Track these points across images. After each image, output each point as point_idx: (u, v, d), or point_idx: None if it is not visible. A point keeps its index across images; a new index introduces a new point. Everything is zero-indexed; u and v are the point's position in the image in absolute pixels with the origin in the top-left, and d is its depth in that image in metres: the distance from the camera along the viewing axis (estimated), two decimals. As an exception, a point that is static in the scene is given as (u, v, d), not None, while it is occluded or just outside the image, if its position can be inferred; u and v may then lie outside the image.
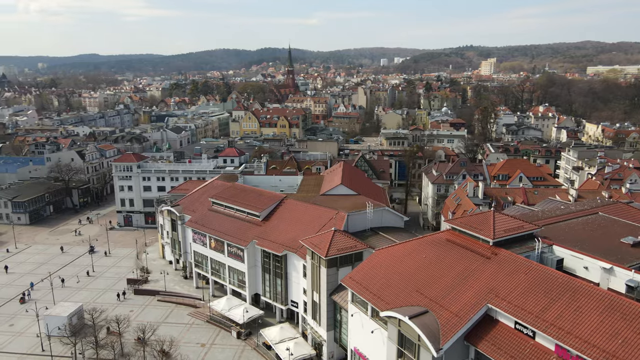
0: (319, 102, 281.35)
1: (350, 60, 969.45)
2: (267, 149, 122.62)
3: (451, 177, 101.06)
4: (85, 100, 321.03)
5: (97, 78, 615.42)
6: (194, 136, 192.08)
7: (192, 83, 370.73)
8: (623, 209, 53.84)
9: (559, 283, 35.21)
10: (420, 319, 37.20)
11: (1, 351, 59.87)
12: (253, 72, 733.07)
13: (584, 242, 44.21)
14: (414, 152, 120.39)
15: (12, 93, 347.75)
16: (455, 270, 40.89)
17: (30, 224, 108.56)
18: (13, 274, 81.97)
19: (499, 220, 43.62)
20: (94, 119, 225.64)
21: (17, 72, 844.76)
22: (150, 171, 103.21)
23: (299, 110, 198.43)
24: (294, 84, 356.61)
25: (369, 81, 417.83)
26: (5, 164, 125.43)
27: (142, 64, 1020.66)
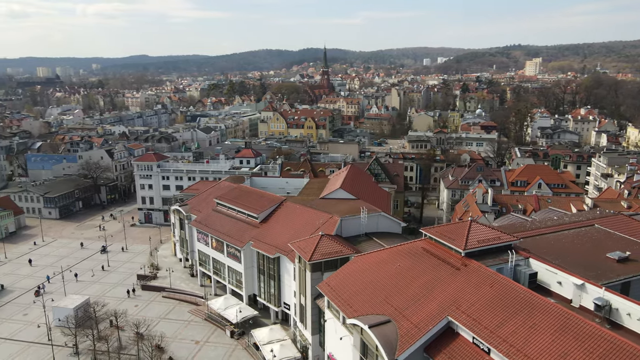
0: (352, 103, 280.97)
1: (392, 60, 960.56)
2: (285, 151, 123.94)
3: (466, 182, 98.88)
4: (128, 100, 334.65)
5: (144, 78, 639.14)
6: (224, 136, 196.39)
7: (229, 83, 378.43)
8: (624, 221, 51.18)
9: (520, 298, 34.12)
10: (381, 328, 37.00)
11: (12, 339, 63.92)
12: (293, 72, 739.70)
13: (567, 255, 42.54)
14: (432, 155, 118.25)
15: (62, 93, 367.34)
16: (424, 280, 40.32)
17: (60, 218, 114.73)
18: (36, 266, 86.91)
19: (475, 230, 42.55)
20: (132, 119, 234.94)
21: (73, 73, 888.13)
22: (169, 171, 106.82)
23: (326, 111, 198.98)
24: (329, 84, 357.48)
25: (405, 82, 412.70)
26: (42, 160, 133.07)
27: (187, 64, 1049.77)
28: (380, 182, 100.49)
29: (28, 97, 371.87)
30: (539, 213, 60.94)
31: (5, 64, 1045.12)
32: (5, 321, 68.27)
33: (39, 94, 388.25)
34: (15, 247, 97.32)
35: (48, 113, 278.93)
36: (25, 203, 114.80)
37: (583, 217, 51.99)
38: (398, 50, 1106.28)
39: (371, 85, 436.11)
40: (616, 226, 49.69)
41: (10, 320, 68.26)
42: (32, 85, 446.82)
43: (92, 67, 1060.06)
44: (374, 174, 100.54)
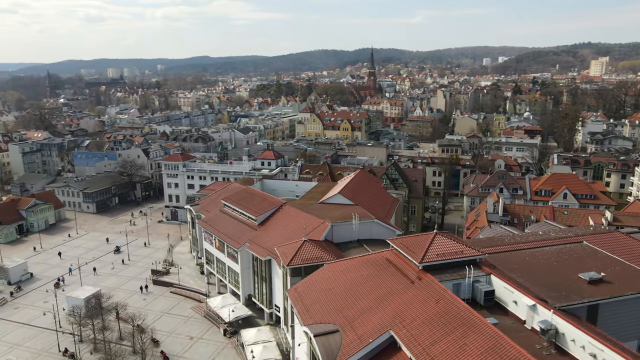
0: (395, 105, 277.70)
1: (450, 60, 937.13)
2: (310, 153, 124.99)
3: (487, 190, 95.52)
4: (180, 100, 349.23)
5: (200, 79, 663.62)
6: (262, 137, 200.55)
7: (275, 84, 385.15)
8: (618, 239, 47.87)
9: (459, 317, 33.11)
10: (326, 338, 37.21)
11: (29, 324, 69.37)
12: (346, 72, 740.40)
13: (536, 273, 40.61)
14: (455, 160, 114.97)
15: (122, 93, 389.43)
16: (380, 291, 39.96)
17: (97, 212, 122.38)
18: (64, 258, 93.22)
19: (439, 243, 41.50)
20: (179, 118, 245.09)
21: (138, 74, 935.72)
22: (194, 170, 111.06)
23: (363, 113, 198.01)
24: (375, 85, 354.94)
25: (456, 83, 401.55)
26: (86, 158, 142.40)
27: (244, 65, 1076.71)
28: (398, 188, 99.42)
29: (93, 97, 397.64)
30: (534, 226, 57.98)
31: (80, 65, 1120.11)
32: (26, 307, 74.13)
33: (103, 94, 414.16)
34: (52, 238, 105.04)
35: (107, 112, 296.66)
36: (67, 197, 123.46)
37: (572, 233, 49.10)
38: (457, 49, 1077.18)
39: (421, 86, 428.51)
40: (608, 244, 46.63)
41: (31, 307, 73.99)
42: (98, 86, 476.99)
43: (157, 68, 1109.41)
44: (391, 179, 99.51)
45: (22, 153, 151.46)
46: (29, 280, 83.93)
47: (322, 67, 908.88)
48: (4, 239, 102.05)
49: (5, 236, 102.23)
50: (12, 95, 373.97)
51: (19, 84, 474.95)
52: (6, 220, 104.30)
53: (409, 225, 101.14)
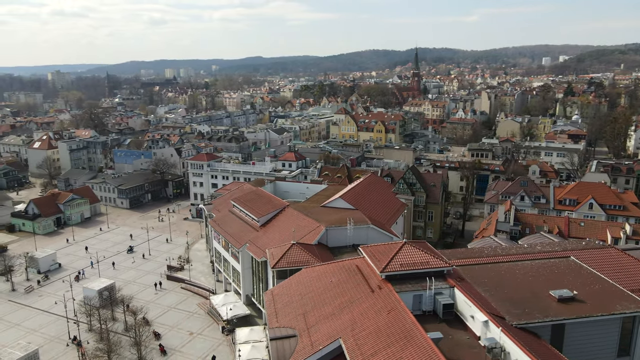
0: (437, 106, 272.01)
1: (505, 60, 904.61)
2: (334, 155, 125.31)
3: (507, 197, 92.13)
4: (226, 100, 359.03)
5: (250, 79, 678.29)
6: (297, 137, 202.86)
7: (318, 85, 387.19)
8: (611, 255, 45.09)
9: (404, 329, 32.67)
10: (281, 342, 37.76)
11: (48, 311, 74.39)
12: (395, 72, 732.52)
13: (506, 287, 39.17)
14: (476, 165, 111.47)
15: (173, 93, 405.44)
16: (342, 299, 39.97)
17: (130, 208, 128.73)
18: (91, 252, 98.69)
19: (405, 253, 40.89)
20: (220, 118, 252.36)
21: (193, 74, 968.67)
22: (217, 170, 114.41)
23: (397, 115, 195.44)
24: (419, 86, 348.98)
25: (506, 84, 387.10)
26: (125, 155, 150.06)
27: (295, 65, 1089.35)
28: (416, 192, 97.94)
29: (146, 97, 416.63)
30: (528, 238, 55.46)
31: (141, 66, 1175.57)
32: (49, 295, 79.43)
33: (156, 94, 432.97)
34: (85, 231, 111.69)
35: (156, 111, 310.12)
36: (104, 193, 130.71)
37: (560, 247, 46.68)
38: (514, 48, 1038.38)
39: (470, 87, 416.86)
40: (597, 261, 44.08)
41: (53, 295, 79.09)
42: (152, 86, 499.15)
43: (211, 69, 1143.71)
44: (409, 184, 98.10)
45: (69, 150, 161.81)
46: (57, 270, 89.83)
47: (372, 67, 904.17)
48: (42, 230, 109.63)
49: (43, 228, 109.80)
50: (74, 95, 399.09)
51: (82, 85, 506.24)
52: (45, 213, 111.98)
53: (425, 231, 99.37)
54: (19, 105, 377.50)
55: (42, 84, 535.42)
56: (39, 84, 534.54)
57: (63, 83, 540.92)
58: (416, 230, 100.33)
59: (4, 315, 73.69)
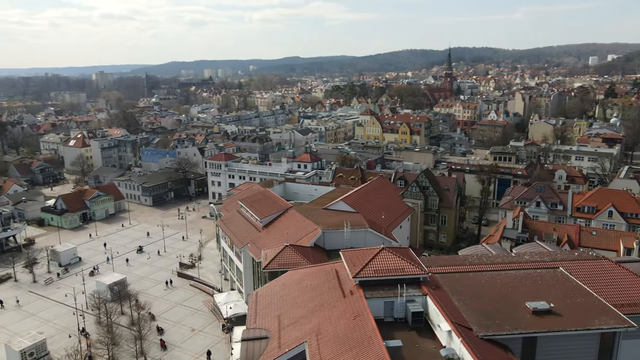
0: (468, 108, 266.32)
1: (549, 59, 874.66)
2: (351, 157, 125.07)
3: (522, 203, 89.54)
4: (257, 100, 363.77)
5: (286, 79, 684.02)
6: (323, 138, 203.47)
7: (349, 85, 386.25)
8: (604, 267, 43.23)
9: (364, 336, 32.63)
10: (252, 343, 38.35)
11: (63, 303, 77.91)
12: (432, 72, 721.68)
13: (482, 297, 38.33)
14: (493, 169, 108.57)
15: (207, 93, 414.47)
16: (316, 302, 40.19)
17: (153, 205, 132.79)
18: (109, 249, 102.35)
19: (382, 258, 40.66)
20: (249, 118, 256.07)
21: (231, 74, 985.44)
22: (234, 170, 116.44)
23: (423, 117, 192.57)
24: (451, 87, 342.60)
25: (545, 84, 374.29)
26: (152, 154, 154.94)
27: (331, 65, 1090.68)
28: (429, 196, 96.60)
29: (182, 97, 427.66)
30: (523, 246, 53.64)
31: (181, 67, 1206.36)
32: (66, 288, 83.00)
33: (192, 94, 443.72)
34: (108, 227, 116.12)
35: (190, 111, 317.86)
36: (129, 190, 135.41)
37: (549, 258, 45.07)
38: (559, 47, 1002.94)
39: (507, 87, 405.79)
40: (587, 272, 42.45)
41: (70, 288, 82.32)
42: (189, 86, 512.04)
43: (249, 69, 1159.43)
44: (422, 187, 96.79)
45: (101, 148, 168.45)
46: (77, 264, 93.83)
47: (409, 67, 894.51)
48: (69, 225, 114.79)
49: (69, 222, 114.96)
50: (114, 95, 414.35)
51: (123, 85, 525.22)
52: (72, 209, 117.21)
53: (438, 236, 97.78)
54: (63, 104, 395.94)
55: (87, 84, 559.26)
56: (84, 84, 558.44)
57: (105, 83, 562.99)
58: (428, 235, 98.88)
59: (23, 305, 77.78)
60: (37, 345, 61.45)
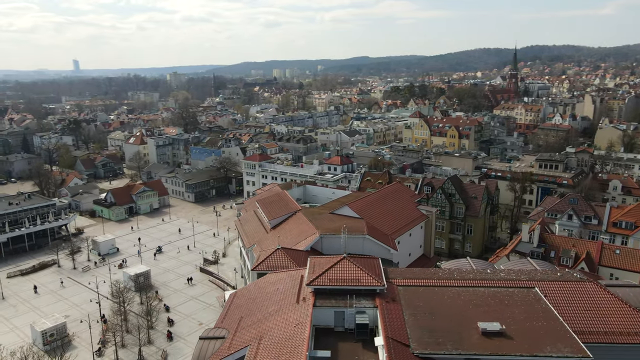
0: (531, 111, 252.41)
1: (639, 57, 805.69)
2: (385, 160, 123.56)
3: (553, 215, 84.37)
4: (315, 100, 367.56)
5: (350, 79, 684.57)
6: (371, 140, 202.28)
7: (407, 86, 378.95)
8: (587, 291, 40.13)
9: (294, 345, 33.00)
10: (208, 342, 39.85)
11: (92, 289, 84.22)
12: (504, 72, 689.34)
13: (437, 313, 37.19)
14: (525, 178, 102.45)
15: (269, 93, 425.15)
16: (274, 307, 40.93)
17: (195, 202, 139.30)
18: (147, 241, 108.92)
19: (341, 267, 40.61)
20: (302, 119, 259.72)
21: (298, 74, 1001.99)
22: (267, 170, 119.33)
23: (473, 120, 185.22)
24: (516, 88, 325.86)
25: (625, 85, 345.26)
26: (199, 153, 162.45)
27: (398, 65, 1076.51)
28: (454, 204, 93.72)
29: (246, 97, 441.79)
30: (513, 262, 50.43)
31: (252, 67, 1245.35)
32: (100, 276, 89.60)
33: (255, 94, 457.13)
34: (150, 220, 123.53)
35: (250, 111, 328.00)
36: (174, 186, 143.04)
37: (528, 277, 42.40)
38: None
39: (583, 88, 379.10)
40: (566, 295, 39.73)
41: (103, 276, 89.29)
42: (253, 86, 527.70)
43: (317, 69, 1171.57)
44: (448, 194, 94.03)
45: (156, 146, 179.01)
46: (115, 254, 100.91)
47: (481, 66, 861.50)
48: (115, 217, 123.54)
49: (116, 215, 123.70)
50: (182, 94, 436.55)
51: (193, 85, 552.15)
52: (120, 202, 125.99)
53: (464, 245, 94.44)
54: (137, 103, 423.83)
55: (161, 84, 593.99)
56: (158, 84, 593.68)
57: (178, 83, 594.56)
58: (454, 244, 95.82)
59: (58, 290, 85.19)
60: (57, 327, 67.27)
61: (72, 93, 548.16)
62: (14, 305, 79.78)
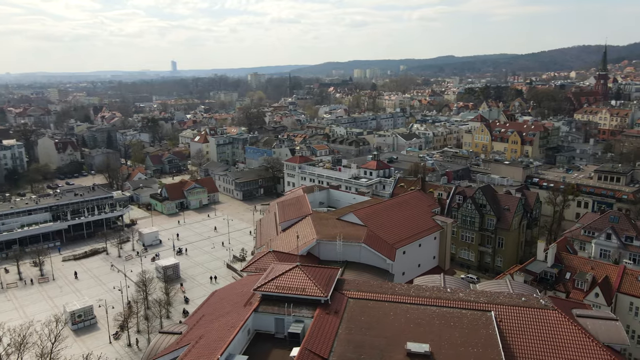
0: (617, 115, 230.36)
1: None
2: (426, 167, 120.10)
3: (591, 234, 77.68)
4: (385, 102, 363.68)
5: (429, 80, 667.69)
6: (429, 143, 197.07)
7: (482, 88, 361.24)
8: (547, 320, 37.12)
9: (214, 348, 34.42)
10: (164, 336, 42.61)
11: (128, 277, 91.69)
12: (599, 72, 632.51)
13: (373, 329, 36.76)
14: (568, 190, 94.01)
15: (340, 94, 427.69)
16: (228, 308, 42.67)
17: (243, 200, 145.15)
18: (186, 235, 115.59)
19: (291, 276, 41.24)
20: (365, 121, 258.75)
21: (379, 74, 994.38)
22: (306, 172, 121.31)
23: (538, 125, 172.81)
24: (605, 90, 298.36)
25: None
26: (253, 152, 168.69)
27: (484, 64, 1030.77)
28: (485, 215, 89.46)
29: (318, 97, 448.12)
30: (489, 284, 46.82)
31: (334, 67, 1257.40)
32: (138, 265, 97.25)
33: (327, 95, 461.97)
34: (197, 216, 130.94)
35: (319, 111, 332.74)
36: (225, 184, 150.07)
37: (486, 299, 39.86)
38: None
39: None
40: (524, 322, 37.12)
41: (141, 266, 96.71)
42: (328, 87, 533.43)
43: (399, 69, 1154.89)
44: (479, 205, 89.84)
45: (217, 145, 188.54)
46: (157, 246, 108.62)
47: (577, 65, 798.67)
48: (167, 211, 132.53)
49: (167, 209, 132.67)
50: (258, 94, 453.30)
51: (270, 85, 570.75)
52: (172, 197, 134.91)
53: (494, 259, 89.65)
54: (217, 102, 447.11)
55: (242, 84, 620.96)
56: (239, 84, 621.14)
57: (257, 83, 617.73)
58: (484, 257, 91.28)
59: (101, 275, 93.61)
60: (85, 309, 74.36)
61: (162, 92, 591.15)
62: (61, 286, 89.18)
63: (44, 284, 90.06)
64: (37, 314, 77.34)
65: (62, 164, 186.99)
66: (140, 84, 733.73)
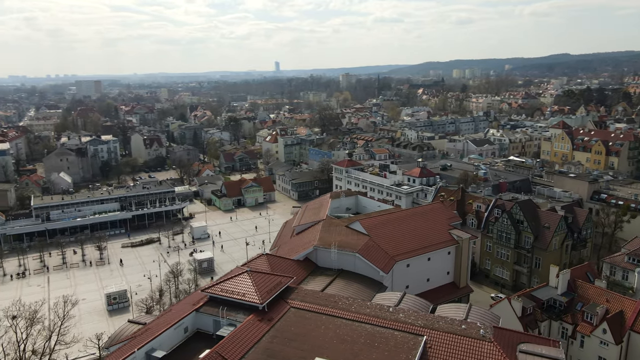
0: None
1: None
2: (480, 176, 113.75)
3: (635, 261, 69.20)
4: (472, 104, 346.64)
5: (532, 81, 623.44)
6: (504, 150, 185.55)
7: (583, 90, 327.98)
8: (481, 352, 34.64)
9: (140, 342, 37.10)
10: (129, 325, 46.91)
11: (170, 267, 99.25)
12: None
13: (297, 342, 37.24)
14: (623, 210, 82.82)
15: (427, 96, 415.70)
16: (187, 306, 45.37)
17: (298, 199, 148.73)
18: (229, 232, 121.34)
19: (239, 280, 42.91)
20: (443, 124, 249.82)
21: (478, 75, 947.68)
22: (352, 177, 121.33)
23: (629, 134, 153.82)
24: None
25: None
26: (315, 154, 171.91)
27: (603, 63, 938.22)
28: (522, 232, 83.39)
29: (405, 99, 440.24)
30: (449, 307, 43.23)
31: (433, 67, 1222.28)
32: (184, 257, 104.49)
33: (414, 96, 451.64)
34: (250, 213, 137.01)
35: (402, 113, 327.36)
36: (283, 184, 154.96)
37: (424, 323, 37.78)
38: None
39: None
40: (456, 352, 35.13)
41: (185, 257, 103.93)
42: (418, 88, 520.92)
43: (504, 68, 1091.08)
44: (515, 220, 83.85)
45: (284, 145, 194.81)
46: (205, 239, 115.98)
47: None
48: (224, 207, 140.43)
49: (224, 205, 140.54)
50: (344, 95, 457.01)
51: (360, 85, 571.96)
52: (230, 194, 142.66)
53: (530, 280, 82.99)
54: (305, 102, 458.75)
55: (332, 85, 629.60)
56: (329, 84, 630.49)
57: (347, 84, 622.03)
58: (519, 276, 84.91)
59: (148, 263, 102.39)
60: (119, 293, 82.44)
61: (258, 92, 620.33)
62: (112, 270, 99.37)
63: (100, 267, 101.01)
64: (84, 293, 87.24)
65: (149, 159, 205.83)
66: (241, 84, 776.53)
